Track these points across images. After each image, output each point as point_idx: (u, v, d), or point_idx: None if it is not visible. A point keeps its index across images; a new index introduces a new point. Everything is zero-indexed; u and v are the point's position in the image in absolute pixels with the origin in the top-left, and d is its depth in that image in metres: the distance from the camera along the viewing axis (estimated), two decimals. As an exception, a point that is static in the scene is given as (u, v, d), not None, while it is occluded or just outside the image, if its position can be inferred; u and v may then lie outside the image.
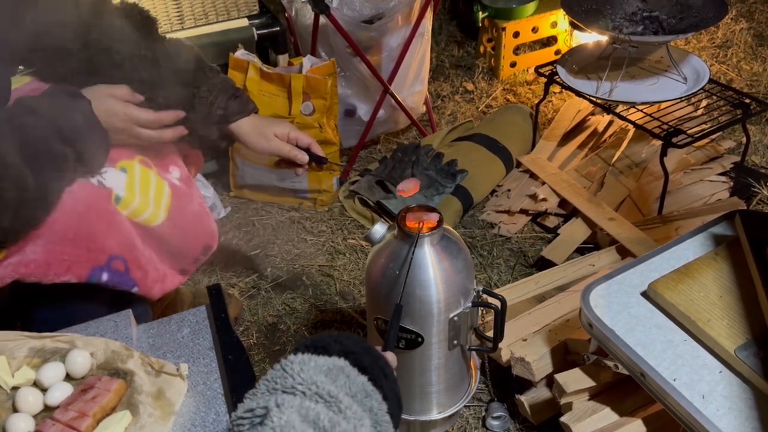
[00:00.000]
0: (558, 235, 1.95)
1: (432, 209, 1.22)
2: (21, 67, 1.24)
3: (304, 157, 1.37)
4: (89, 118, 1.13)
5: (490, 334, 1.33)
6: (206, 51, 1.34)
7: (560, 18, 2.80)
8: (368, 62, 2.16)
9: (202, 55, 1.31)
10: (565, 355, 1.43)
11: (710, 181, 2.07)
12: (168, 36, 1.32)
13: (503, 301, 1.25)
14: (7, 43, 1.14)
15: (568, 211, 2.04)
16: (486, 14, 2.78)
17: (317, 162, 1.40)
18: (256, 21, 2.23)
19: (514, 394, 1.45)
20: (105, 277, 1.16)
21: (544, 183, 2.10)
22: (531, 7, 2.74)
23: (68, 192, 1.10)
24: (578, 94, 2.01)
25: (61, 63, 1.19)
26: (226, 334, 1.09)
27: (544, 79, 2.16)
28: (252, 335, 1.74)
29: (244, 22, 2.22)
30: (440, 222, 1.19)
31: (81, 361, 0.98)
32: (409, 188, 1.24)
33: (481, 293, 1.26)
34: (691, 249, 1.37)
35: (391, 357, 0.93)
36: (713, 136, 2.06)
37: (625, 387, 1.31)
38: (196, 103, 1.26)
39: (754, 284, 1.24)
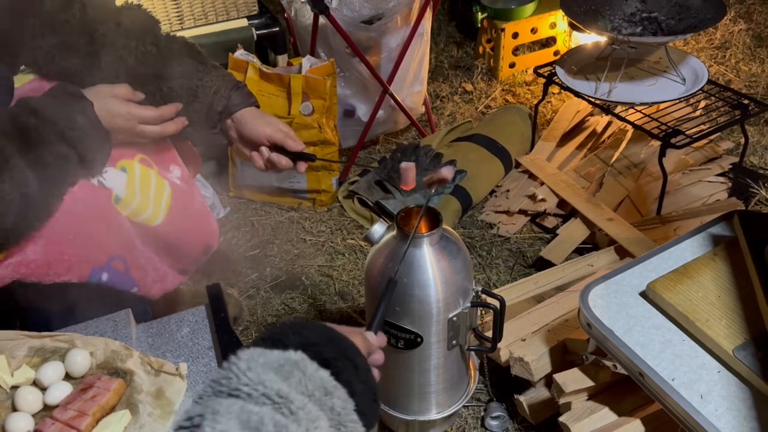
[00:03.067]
0: (557, 235, 1.96)
1: (431, 209, 1.22)
2: (22, 67, 1.24)
3: (298, 145, 1.34)
4: (91, 120, 1.13)
5: (489, 334, 1.33)
6: (205, 51, 1.34)
7: (559, 19, 2.80)
8: (367, 63, 2.16)
9: (203, 51, 1.32)
10: (563, 355, 1.43)
11: (709, 181, 2.07)
12: (170, 33, 1.32)
13: (502, 302, 1.25)
14: (9, 42, 1.14)
15: (567, 212, 2.04)
16: (485, 15, 2.79)
17: (306, 159, 1.36)
18: (256, 21, 2.23)
19: (512, 394, 1.45)
20: (105, 277, 1.16)
21: (542, 183, 2.10)
22: (530, 7, 2.74)
23: (69, 192, 1.10)
24: (577, 94, 2.01)
25: (65, 59, 1.19)
26: (226, 333, 1.09)
27: (543, 80, 2.16)
28: (251, 335, 1.74)
29: (244, 23, 2.22)
30: (439, 222, 1.19)
31: (80, 360, 0.99)
32: (409, 177, 1.18)
33: (480, 293, 1.26)
34: (689, 249, 1.38)
35: (380, 340, 0.86)
36: (712, 137, 2.07)
37: (624, 387, 1.31)
38: (199, 93, 1.26)
39: (752, 284, 1.24)
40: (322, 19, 2.08)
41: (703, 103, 2.20)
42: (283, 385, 0.64)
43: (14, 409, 0.94)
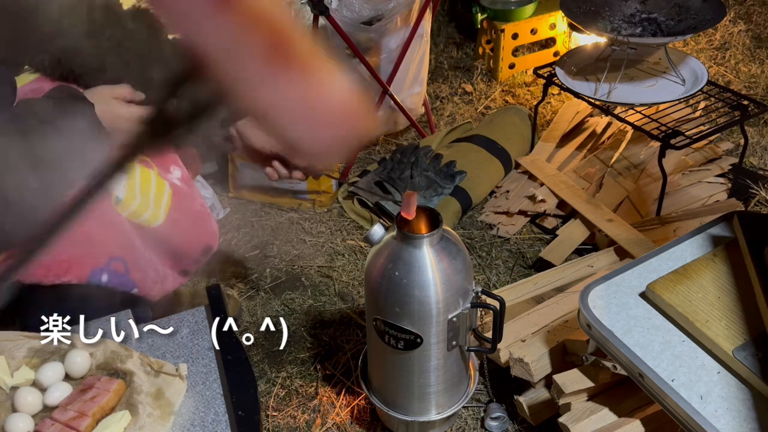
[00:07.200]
0: (556, 236, 1.96)
1: (431, 210, 1.22)
2: (26, 66, 1.24)
3: (303, 161, 1.35)
4: (92, 121, 1.13)
5: (488, 334, 1.33)
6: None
7: (559, 20, 2.80)
8: (367, 63, 2.16)
9: None
10: (563, 356, 1.43)
11: (708, 182, 2.08)
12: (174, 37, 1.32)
13: (502, 302, 1.25)
14: (15, 45, 1.14)
15: (567, 213, 2.04)
16: (485, 16, 2.79)
17: (312, 173, 1.38)
18: (256, 22, 2.23)
19: (512, 395, 1.45)
20: (105, 278, 1.16)
21: (542, 184, 2.10)
22: (530, 8, 2.74)
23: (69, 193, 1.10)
24: (577, 95, 2.01)
25: (72, 63, 1.19)
26: (225, 334, 1.09)
27: (542, 81, 2.16)
28: (251, 336, 1.74)
29: (244, 24, 2.22)
30: (439, 223, 1.19)
31: (80, 361, 0.99)
32: (411, 204, 1.19)
33: (479, 294, 1.27)
34: (689, 250, 1.38)
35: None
36: (711, 138, 2.07)
37: (624, 388, 1.31)
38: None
39: (752, 285, 1.24)
40: (321, 20, 2.08)
41: (702, 104, 2.20)
42: None
43: (14, 410, 0.94)
